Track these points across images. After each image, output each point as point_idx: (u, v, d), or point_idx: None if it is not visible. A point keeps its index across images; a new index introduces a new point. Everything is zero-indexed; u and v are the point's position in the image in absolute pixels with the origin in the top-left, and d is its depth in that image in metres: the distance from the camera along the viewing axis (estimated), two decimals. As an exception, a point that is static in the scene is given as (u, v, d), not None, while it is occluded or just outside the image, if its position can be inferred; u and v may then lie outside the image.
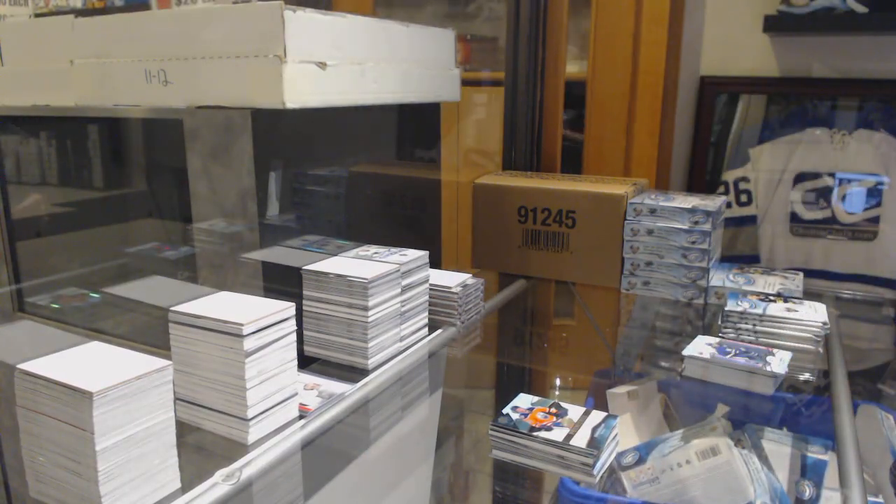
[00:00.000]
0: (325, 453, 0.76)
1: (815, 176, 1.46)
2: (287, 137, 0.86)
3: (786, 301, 1.05)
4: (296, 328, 0.72)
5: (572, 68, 1.82)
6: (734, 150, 1.55)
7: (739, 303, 1.03)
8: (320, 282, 0.84)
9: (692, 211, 1.12)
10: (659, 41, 1.46)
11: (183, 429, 0.65)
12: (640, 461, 0.96)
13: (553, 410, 0.82)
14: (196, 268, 0.86)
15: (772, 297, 1.06)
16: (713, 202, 1.15)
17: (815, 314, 0.99)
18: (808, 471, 0.96)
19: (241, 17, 0.76)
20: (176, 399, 0.62)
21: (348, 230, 0.98)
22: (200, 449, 0.69)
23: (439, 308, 0.98)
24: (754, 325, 1.00)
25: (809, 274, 1.36)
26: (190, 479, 0.62)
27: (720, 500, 0.92)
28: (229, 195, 0.81)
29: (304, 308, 0.85)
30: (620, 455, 0.98)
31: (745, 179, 1.52)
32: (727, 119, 1.56)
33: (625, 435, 1.08)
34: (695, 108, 1.57)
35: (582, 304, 1.39)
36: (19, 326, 1.05)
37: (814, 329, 0.97)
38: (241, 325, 0.65)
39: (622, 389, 1.12)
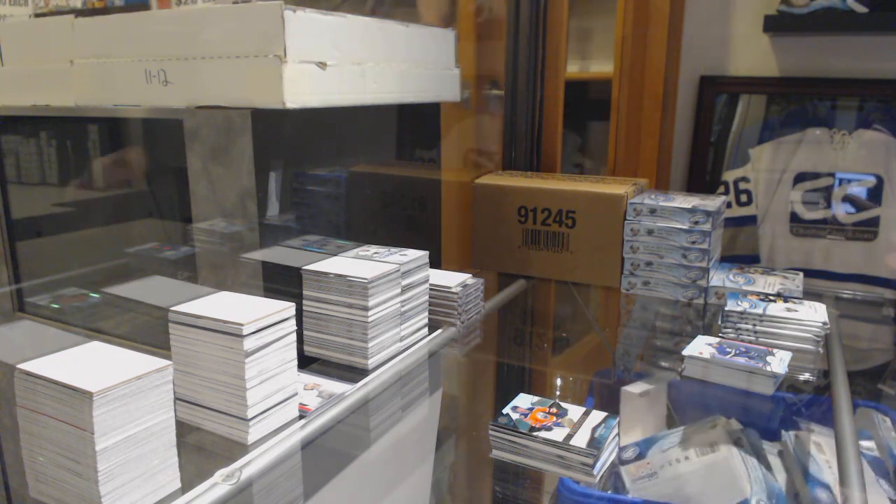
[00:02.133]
0: (325, 453, 0.76)
1: (815, 176, 1.46)
2: (287, 137, 0.86)
3: (786, 301, 1.05)
4: (296, 328, 0.72)
5: (595, 68, 1.82)
6: (734, 150, 1.55)
7: (739, 303, 1.03)
8: (320, 282, 0.84)
9: (692, 211, 1.12)
10: (659, 41, 1.46)
11: (183, 429, 0.65)
12: (640, 456, 0.97)
13: (553, 410, 0.82)
14: (196, 268, 0.86)
15: (772, 298, 1.06)
16: (713, 202, 1.15)
17: (814, 314, 0.99)
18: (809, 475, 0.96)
19: (241, 17, 0.76)
20: (176, 399, 0.62)
21: (348, 230, 0.98)
22: (200, 449, 0.69)
23: (439, 308, 0.98)
24: (754, 325, 1.00)
25: (809, 274, 1.36)
26: (190, 479, 0.62)
27: (717, 496, 0.92)
28: (229, 195, 0.81)
29: (304, 308, 0.85)
30: (621, 450, 0.98)
31: (745, 179, 1.52)
32: (727, 119, 1.56)
33: (631, 434, 1.08)
34: (695, 108, 1.57)
35: (582, 304, 1.39)
36: (19, 326, 1.05)
37: (814, 329, 0.97)
38: (241, 325, 0.65)
39: (636, 389, 1.12)
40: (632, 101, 1.51)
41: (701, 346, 0.95)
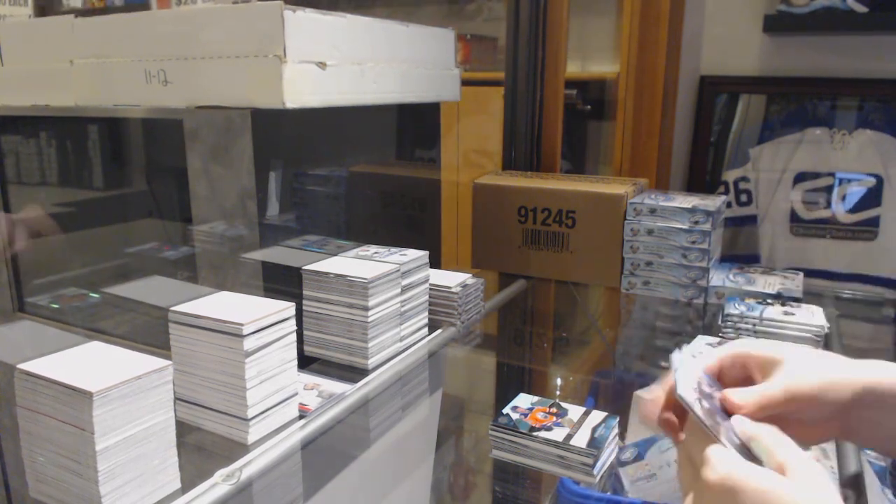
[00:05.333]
0: (325, 453, 0.76)
1: (815, 176, 1.46)
2: (287, 137, 0.86)
3: (783, 304, 1.05)
4: (296, 328, 0.72)
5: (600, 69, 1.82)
6: (734, 150, 1.55)
7: (737, 306, 1.03)
8: (320, 282, 0.84)
9: (692, 211, 1.12)
10: (659, 41, 1.46)
11: (183, 429, 0.65)
12: (639, 457, 0.96)
13: (553, 410, 0.82)
14: (196, 268, 0.86)
15: (769, 301, 1.06)
16: (713, 202, 1.15)
17: (812, 317, 0.99)
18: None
19: (241, 17, 0.76)
20: (176, 399, 0.62)
21: (348, 230, 0.98)
22: (200, 449, 0.69)
23: (439, 308, 0.98)
24: (754, 325, 1.00)
25: (809, 274, 1.36)
26: (190, 479, 0.62)
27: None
28: (229, 195, 0.81)
29: (304, 308, 0.85)
30: (619, 451, 0.98)
31: (745, 179, 1.52)
32: (727, 119, 1.56)
33: (637, 435, 1.08)
34: (695, 108, 1.57)
35: (582, 304, 1.39)
36: (19, 326, 1.05)
37: (813, 330, 0.97)
38: (241, 325, 0.65)
39: (649, 394, 1.11)
40: (634, 100, 1.51)
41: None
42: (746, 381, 0.59)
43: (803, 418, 0.56)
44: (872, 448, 0.63)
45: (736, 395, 0.55)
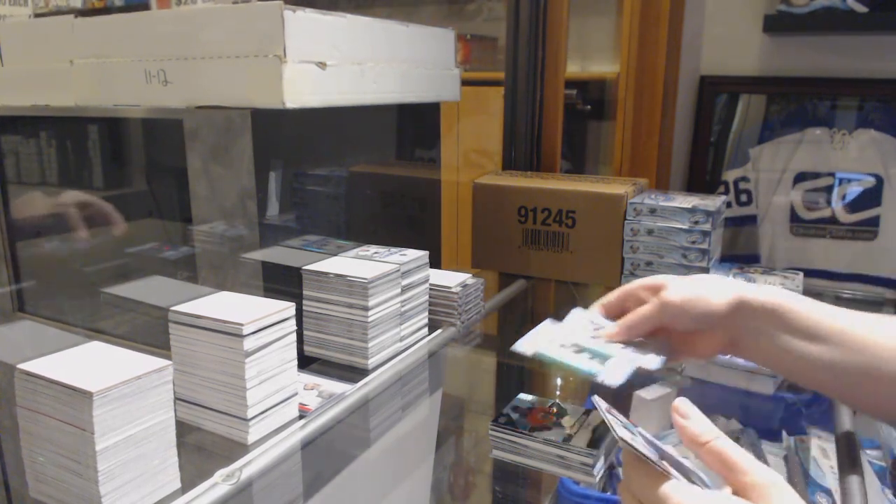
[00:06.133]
0: (325, 453, 0.76)
1: (815, 176, 1.46)
2: (287, 137, 0.86)
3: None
4: (296, 328, 0.72)
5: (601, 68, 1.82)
6: (734, 150, 1.55)
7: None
8: (320, 282, 0.84)
9: (692, 211, 1.12)
10: (659, 41, 1.46)
11: (183, 429, 0.65)
12: (639, 459, 0.96)
13: (553, 410, 0.82)
14: (196, 268, 0.86)
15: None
16: (713, 202, 1.15)
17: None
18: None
19: (240, 17, 0.76)
20: (176, 399, 0.62)
21: (348, 230, 0.98)
22: (200, 449, 0.69)
23: (439, 308, 0.98)
24: (754, 325, 1.00)
25: (809, 274, 1.36)
26: (190, 479, 0.62)
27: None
28: (229, 195, 0.81)
29: (304, 308, 0.85)
30: (619, 451, 0.98)
31: (745, 179, 1.52)
32: (727, 119, 1.56)
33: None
34: (695, 108, 1.57)
35: (582, 304, 1.39)
36: (19, 326, 1.05)
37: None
38: (241, 325, 0.65)
39: (649, 394, 1.11)
40: (634, 100, 1.51)
41: None
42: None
43: (686, 329, 0.66)
44: (761, 363, 0.67)
45: (615, 326, 0.67)
